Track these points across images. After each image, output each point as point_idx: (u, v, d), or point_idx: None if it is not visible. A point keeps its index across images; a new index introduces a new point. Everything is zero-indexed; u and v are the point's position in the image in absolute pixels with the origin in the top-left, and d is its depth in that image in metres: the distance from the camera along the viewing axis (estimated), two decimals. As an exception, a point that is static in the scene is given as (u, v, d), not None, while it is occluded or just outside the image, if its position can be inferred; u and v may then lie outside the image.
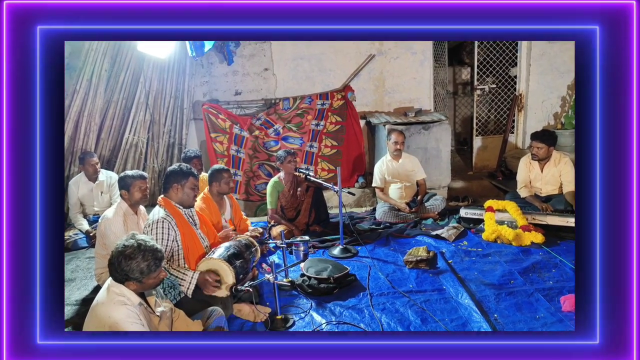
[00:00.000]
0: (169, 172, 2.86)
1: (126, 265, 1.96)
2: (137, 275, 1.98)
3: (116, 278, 2.00)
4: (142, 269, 1.97)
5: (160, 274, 2.07)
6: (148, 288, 2.08)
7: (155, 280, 2.05)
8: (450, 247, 3.82)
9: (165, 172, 2.89)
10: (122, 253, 1.97)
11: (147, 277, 2.00)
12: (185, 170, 2.85)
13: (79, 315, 3.00)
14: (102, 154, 5.10)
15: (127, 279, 1.98)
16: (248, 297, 2.87)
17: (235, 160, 5.40)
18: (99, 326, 1.92)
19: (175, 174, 2.83)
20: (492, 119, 6.32)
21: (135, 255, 1.97)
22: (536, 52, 5.77)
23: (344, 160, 5.53)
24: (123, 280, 1.99)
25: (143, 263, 1.97)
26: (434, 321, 2.74)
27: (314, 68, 5.58)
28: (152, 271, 2.01)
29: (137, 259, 1.96)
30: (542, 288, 3.04)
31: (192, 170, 2.87)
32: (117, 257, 1.97)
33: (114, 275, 2.00)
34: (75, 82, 4.95)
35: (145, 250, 1.99)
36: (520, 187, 4.46)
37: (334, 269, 3.25)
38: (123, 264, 1.96)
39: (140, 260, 1.97)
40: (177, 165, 2.89)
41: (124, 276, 1.98)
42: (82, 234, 4.32)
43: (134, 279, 1.98)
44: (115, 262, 1.97)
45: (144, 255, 1.98)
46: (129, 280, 1.99)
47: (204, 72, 5.49)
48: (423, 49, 5.68)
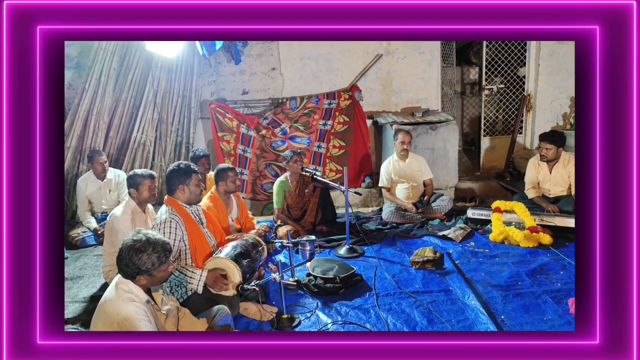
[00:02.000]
0: (169, 173, 2.80)
1: (137, 259, 1.98)
2: (149, 267, 2.00)
3: (127, 274, 2.01)
4: (153, 261, 2.00)
5: (169, 266, 2.10)
6: (158, 282, 2.10)
7: (164, 273, 2.08)
8: (457, 248, 3.80)
9: (167, 174, 2.83)
10: (132, 247, 1.99)
11: (158, 270, 2.03)
12: (186, 168, 2.78)
13: (86, 312, 3.02)
14: (110, 152, 5.13)
15: (138, 273, 2.00)
16: (254, 296, 2.87)
17: (242, 160, 5.42)
18: (107, 323, 1.93)
19: (177, 175, 2.77)
20: (500, 119, 6.28)
21: (145, 248, 1.99)
22: (545, 52, 5.72)
23: (351, 161, 5.53)
24: (134, 275, 2.01)
25: (154, 255, 2.00)
26: (440, 322, 2.73)
27: (321, 68, 5.58)
28: (162, 263, 2.04)
29: (148, 251, 1.99)
30: (550, 290, 3.02)
31: (192, 167, 2.82)
32: (127, 251, 1.99)
33: (124, 272, 2.02)
34: (84, 81, 4.99)
35: (154, 243, 2.02)
36: (528, 188, 4.43)
37: (340, 268, 3.25)
38: (134, 258, 1.98)
39: (151, 253, 2.00)
40: (176, 165, 2.81)
41: (135, 270, 1.99)
42: (90, 231, 4.36)
43: (145, 271, 2.00)
44: (126, 257, 1.99)
45: (154, 247, 2.01)
46: (141, 274, 2.01)
47: (211, 71, 5.51)
48: (431, 49, 5.66)
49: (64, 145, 4.91)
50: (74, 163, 5.03)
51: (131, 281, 2.02)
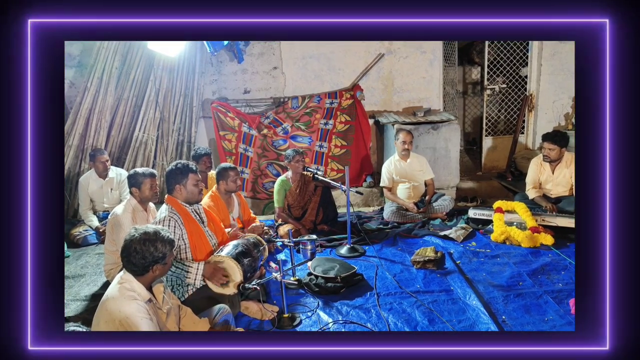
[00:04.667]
0: (167, 173, 2.80)
1: (154, 249, 2.02)
2: (165, 254, 2.06)
3: (142, 267, 2.02)
4: (166, 248, 2.07)
5: (172, 255, 2.16)
6: (166, 271, 2.15)
7: (169, 261, 2.14)
8: (459, 248, 3.80)
9: (165, 173, 2.83)
10: (145, 239, 2.02)
11: (169, 257, 2.10)
12: (183, 168, 2.77)
13: (88, 310, 3.02)
14: (112, 151, 5.14)
15: (155, 262, 2.04)
16: (255, 295, 2.88)
17: (243, 159, 5.42)
18: (109, 321, 1.94)
19: (174, 175, 2.77)
20: (502, 119, 6.27)
21: (157, 237, 2.05)
22: (547, 52, 5.71)
23: (353, 160, 5.53)
24: (150, 266, 2.03)
25: (166, 242, 2.07)
26: (441, 322, 2.73)
27: (323, 67, 5.57)
28: (172, 247, 2.12)
29: (160, 239, 2.05)
30: (551, 290, 3.01)
31: (190, 167, 2.79)
32: (141, 244, 2.01)
33: (138, 266, 2.02)
34: (87, 80, 5.00)
35: (159, 231, 2.09)
36: (529, 188, 4.42)
37: (341, 268, 3.25)
38: (151, 247, 2.02)
39: (163, 241, 2.06)
40: (173, 166, 2.80)
41: (152, 261, 2.03)
42: (91, 230, 4.37)
43: (161, 259, 2.05)
44: (141, 250, 2.01)
45: (162, 236, 2.08)
46: (157, 263, 2.05)
47: (213, 70, 5.51)
48: (433, 48, 5.65)
49: (64, 145, 4.91)
50: (76, 162, 5.04)
51: (142, 275, 2.04)
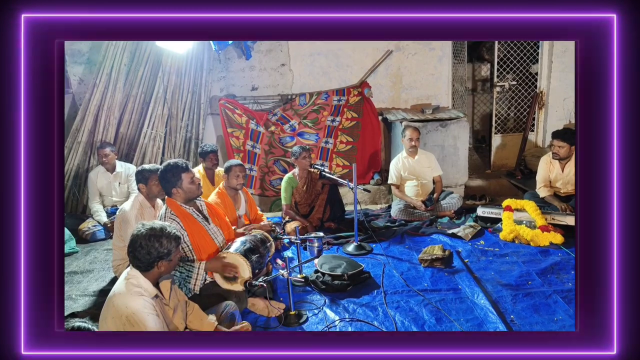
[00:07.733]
0: (160, 177, 2.75)
1: (159, 245, 2.03)
2: (171, 250, 2.06)
3: (147, 263, 2.03)
4: (172, 244, 2.07)
5: (178, 252, 2.17)
6: (172, 268, 2.16)
7: (176, 258, 2.14)
8: (467, 246, 3.77)
9: (158, 177, 2.79)
10: (151, 235, 2.03)
11: (175, 254, 2.10)
12: (174, 170, 2.69)
13: (96, 306, 3.05)
14: (121, 147, 5.17)
15: (160, 259, 2.04)
16: (262, 292, 2.88)
17: (251, 156, 5.42)
18: (116, 316, 1.95)
19: (167, 179, 2.70)
20: (511, 117, 6.21)
21: (163, 233, 2.05)
22: (558, 49, 5.63)
23: (359, 157, 5.50)
24: (155, 262, 2.04)
25: (172, 239, 2.07)
26: (448, 321, 2.71)
27: (330, 64, 5.55)
28: (178, 243, 2.12)
29: (166, 236, 2.06)
30: (560, 290, 2.98)
31: (180, 166, 2.70)
32: (147, 240, 2.02)
33: (143, 262, 2.03)
34: (95, 76, 5.03)
35: (166, 228, 2.09)
36: (539, 187, 4.37)
37: (348, 265, 3.24)
38: (156, 243, 2.02)
39: (169, 237, 2.06)
40: (163, 169, 2.72)
41: (157, 257, 2.03)
42: (100, 226, 4.40)
43: (167, 255, 2.05)
44: (147, 245, 2.01)
45: (168, 232, 2.08)
46: (163, 259, 2.05)
47: (221, 67, 5.51)
48: (442, 45, 5.60)
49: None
50: (85, 158, 5.08)
51: (148, 271, 2.05)
